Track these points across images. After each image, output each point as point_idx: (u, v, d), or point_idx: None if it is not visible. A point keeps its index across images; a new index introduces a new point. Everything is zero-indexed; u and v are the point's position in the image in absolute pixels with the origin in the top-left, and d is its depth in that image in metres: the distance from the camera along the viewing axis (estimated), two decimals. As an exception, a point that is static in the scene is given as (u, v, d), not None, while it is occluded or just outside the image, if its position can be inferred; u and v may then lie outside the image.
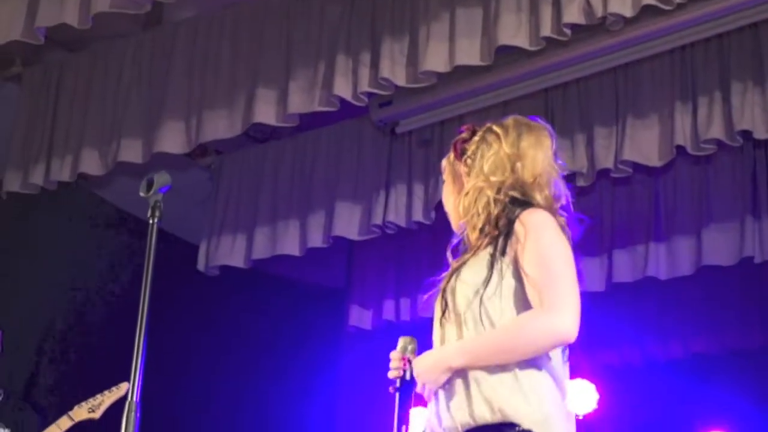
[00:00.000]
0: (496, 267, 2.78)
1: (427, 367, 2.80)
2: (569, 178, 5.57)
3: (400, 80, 4.92)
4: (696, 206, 5.99)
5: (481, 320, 2.77)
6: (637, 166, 5.47)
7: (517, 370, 2.73)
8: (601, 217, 6.23)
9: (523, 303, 2.77)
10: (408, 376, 2.89)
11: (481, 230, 2.86)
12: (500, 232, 2.82)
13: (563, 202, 2.93)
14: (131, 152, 5.46)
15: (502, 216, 2.84)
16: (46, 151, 5.62)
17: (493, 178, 2.90)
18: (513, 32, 4.67)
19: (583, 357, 7.88)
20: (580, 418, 7.57)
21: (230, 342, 6.89)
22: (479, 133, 3.03)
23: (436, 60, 4.81)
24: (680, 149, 5.25)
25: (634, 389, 7.36)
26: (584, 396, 7.58)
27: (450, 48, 4.80)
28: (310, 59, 5.13)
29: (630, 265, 6.15)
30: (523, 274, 2.76)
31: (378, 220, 5.76)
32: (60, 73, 5.72)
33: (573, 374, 7.79)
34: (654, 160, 5.33)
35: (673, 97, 5.26)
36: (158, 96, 5.44)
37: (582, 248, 6.48)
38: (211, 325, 6.87)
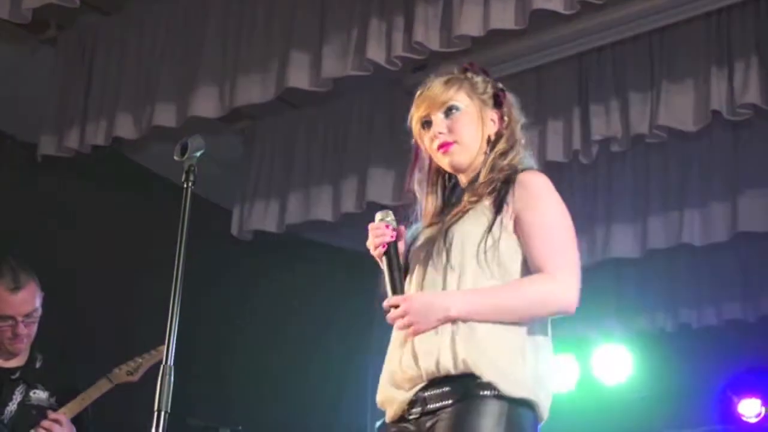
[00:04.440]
0: (498, 219, 2.81)
1: (425, 308, 2.75)
2: (604, 144, 5.60)
3: (434, 45, 4.90)
4: (731, 172, 5.95)
5: (488, 267, 2.78)
6: (672, 132, 5.43)
7: (497, 328, 2.75)
8: (635, 183, 6.21)
9: (524, 258, 2.83)
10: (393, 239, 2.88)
11: (487, 183, 2.89)
12: (501, 186, 2.86)
13: None
14: (165, 116, 5.47)
15: (504, 176, 2.90)
16: (81, 115, 5.64)
17: (518, 149, 2.99)
18: (548, -4, 4.64)
19: (617, 323, 7.93)
20: (612, 384, 7.60)
21: (263, 306, 6.92)
22: (506, 93, 3.06)
23: (470, 24, 4.79)
24: (716, 114, 5.21)
25: (667, 355, 7.36)
26: (616, 362, 7.60)
27: (484, 12, 4.78)
28: (343, 23, 5.12)
29: (664, 232, 6.13)
30: (525, 237, 2.81)
31: (413, 185, 5.75)
32: (95, 36, 5.73)
33: (607, 339, 7.84)
34: (689, 125, 5.30)
35: (708, 62, 5.21)
36: (192, 60, 5.44)
37: (617, 214, 6.50)
38: (244, 288, 6.90)
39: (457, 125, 2.95)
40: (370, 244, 2.90)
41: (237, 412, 6.38)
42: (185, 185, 3.01)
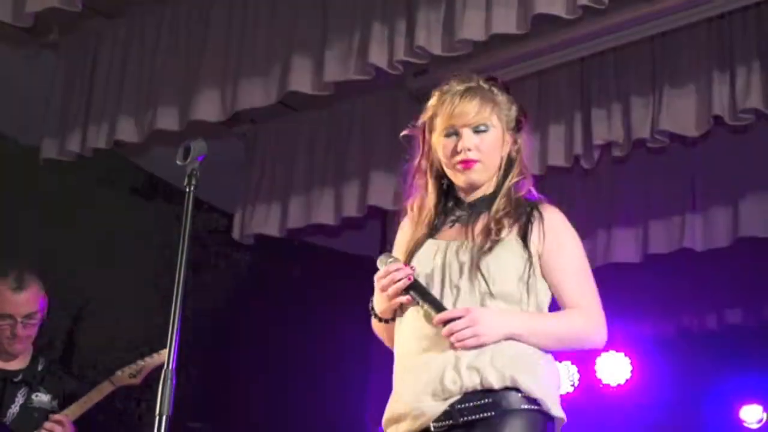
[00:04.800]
0: (530, 254, 2.91)
1: (493, 322, 2.81)
2: (605, 148, 5.59)
3: (436, 49, 4.90)
4: (733, 177, 5.95)
5: (523, 299, 2.89)
6: (673, 136, 5.43)
7: (534, 350, 2.88)
8: (636, 187, 6.21)
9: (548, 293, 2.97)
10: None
11: (508, 209, 2.97)
12: (520, 218, 2.95)
13: None
14: (167, 120, 5.47)
15: (521, 206, 2.99)
16: (83, 119, 5.64)
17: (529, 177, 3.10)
18: (550, 0, 4.63)
19: (617, 328, 7.90)
20: (614, 385, 7.59)
21: (262, 309, 6.93)
22: (527, 118, 3.13)
23: (472, 28, 4.78)
24: (718, 119, 5.21)
25: (668, 361, 7.36)
26: (617, 367, 7.60)
27: (486, 16, 4.77)
28: (345, 27, 5.11)
29: (666, 236, 6.12)
30: (556, 274, 2.94)
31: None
32: (97, 40, 5.73)
33: (607, 346, 7.82)
34: (691, 130, 5.29)
35: (710, 67, 5.21)
36: (194, 64, 5.44)
37: (618, 219, 6.49)
38: (244, 291, 6.90)
39: (485, 145, 3.00)
40: (391, 283, 2.88)
41: (230, 414, 6.39)
42: (187, 189, 3.00)
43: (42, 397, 4.43)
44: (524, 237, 2.92)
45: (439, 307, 2.83)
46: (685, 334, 7.23)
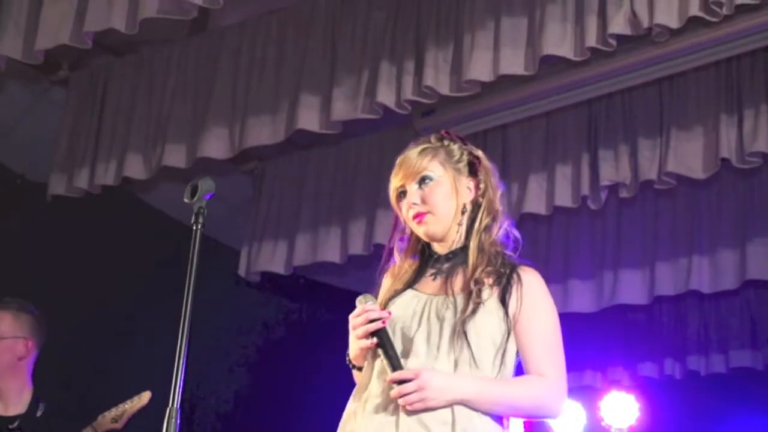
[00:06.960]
0: (507, 320, 2.85)
1: (443, 387, 2.73)
2: (613, 189, 5.59)
3: (444, 89, 4.91)
4: (740, 220, 5.95)
5: (494, 365, 2.82)
6: (681, 178, 5.43)
7: (489, 423, 2.81)
8: (644, 229, 6.20)
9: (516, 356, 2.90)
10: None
11: (487, 266, 2.90)
12: (500, 279, 2.88)
13: None
14: (175, 157, 5.48)
15: (500, 263, 2.92)
16: (92, 155, 5.65)
17: (501, 219, 3.00)
18: (558, 42, 4.65)
19: (624, 370, 7.87)
20: (625, 429, 7.55)
21: (268, 345, 6.91)
22: (482, 161, 3.07)
23: (480, 69, 4.80)
24: (725, 162, 5.21)
25: (675, 403, 7.32)
26: (624, 409, 7.56)
27: (494, 57, 4.79)
28: (354, 66, 5.13)
29: (673, 278, 6.11)
30: (527, 338, 2.85)
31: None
32: (106, 77, 5.76)
33: (613, 386, 7.79)
34: (698, 172, 5.30)
35: (718, 110, 5.22)
36: (202, 101, 5.46)
37: (625, 260, 6.47)
38: (249, 328, 6.89)
39: (430, 196, 2.99)
40: (364, 323, 2.82)
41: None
42: (195, 227, 3.00)
43: None
44: (503, 300, 2.86)
45: (395, 365, 2.75)
46: (693, 376, 7.20)
